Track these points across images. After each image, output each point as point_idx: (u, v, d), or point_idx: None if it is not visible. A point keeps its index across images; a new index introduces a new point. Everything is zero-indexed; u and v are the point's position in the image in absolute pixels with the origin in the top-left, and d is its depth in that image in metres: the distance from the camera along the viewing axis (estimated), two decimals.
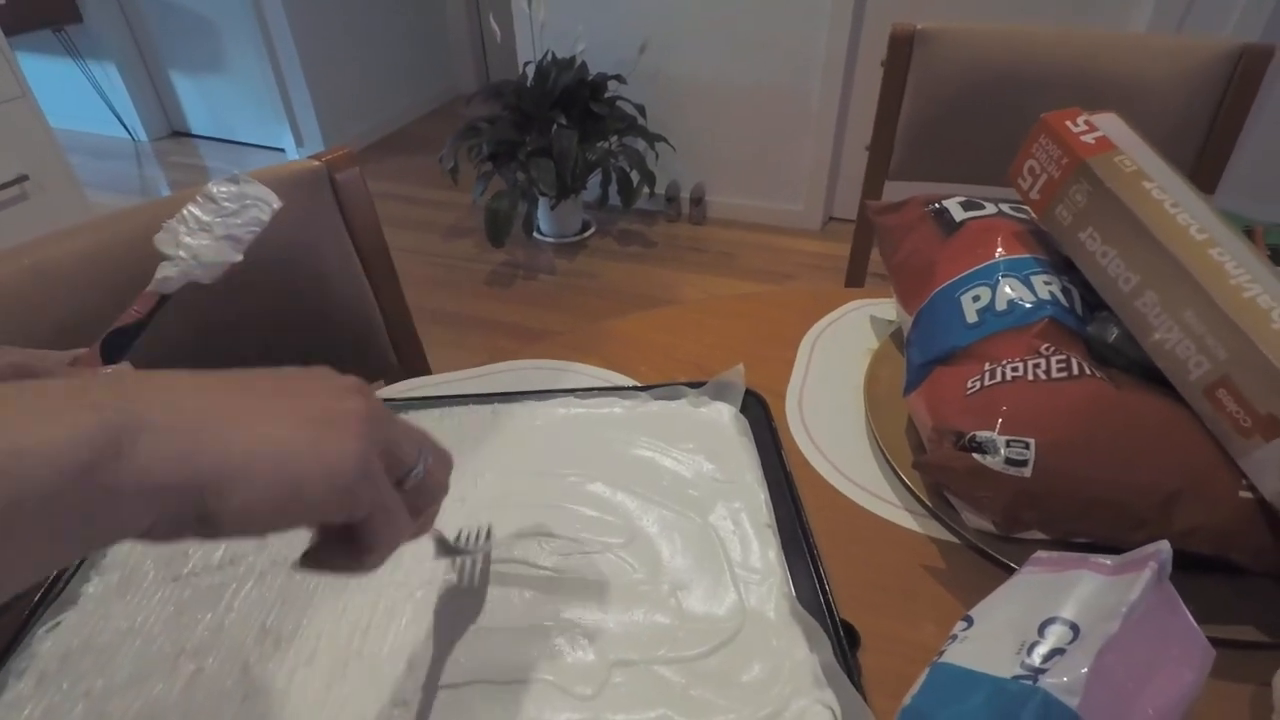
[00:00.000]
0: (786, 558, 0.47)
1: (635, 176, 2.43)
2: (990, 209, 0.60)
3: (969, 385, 0.50)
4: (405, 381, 0.68)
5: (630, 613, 0.45)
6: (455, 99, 3.88)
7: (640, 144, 2.43)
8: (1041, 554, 0.36)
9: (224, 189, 0.63)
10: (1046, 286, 0.52)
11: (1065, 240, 0.52)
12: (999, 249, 0.56)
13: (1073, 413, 0.45)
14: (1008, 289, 0.53)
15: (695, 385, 0.61)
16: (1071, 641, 0.30)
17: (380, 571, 0.46)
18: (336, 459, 0.27)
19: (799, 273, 2.41)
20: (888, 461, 0.57)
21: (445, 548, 0.44)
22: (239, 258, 0.61)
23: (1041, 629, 0.31)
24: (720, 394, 0.61)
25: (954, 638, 0.35)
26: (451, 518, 0.50)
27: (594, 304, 2.29)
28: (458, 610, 0.45)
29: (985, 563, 0.50)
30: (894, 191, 1.15)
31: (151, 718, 0.40)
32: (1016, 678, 0.30)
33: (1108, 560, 0.34)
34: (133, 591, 0.47)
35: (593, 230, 2.64)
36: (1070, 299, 0.52)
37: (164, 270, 0.59)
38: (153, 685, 0.42)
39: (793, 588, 0.45)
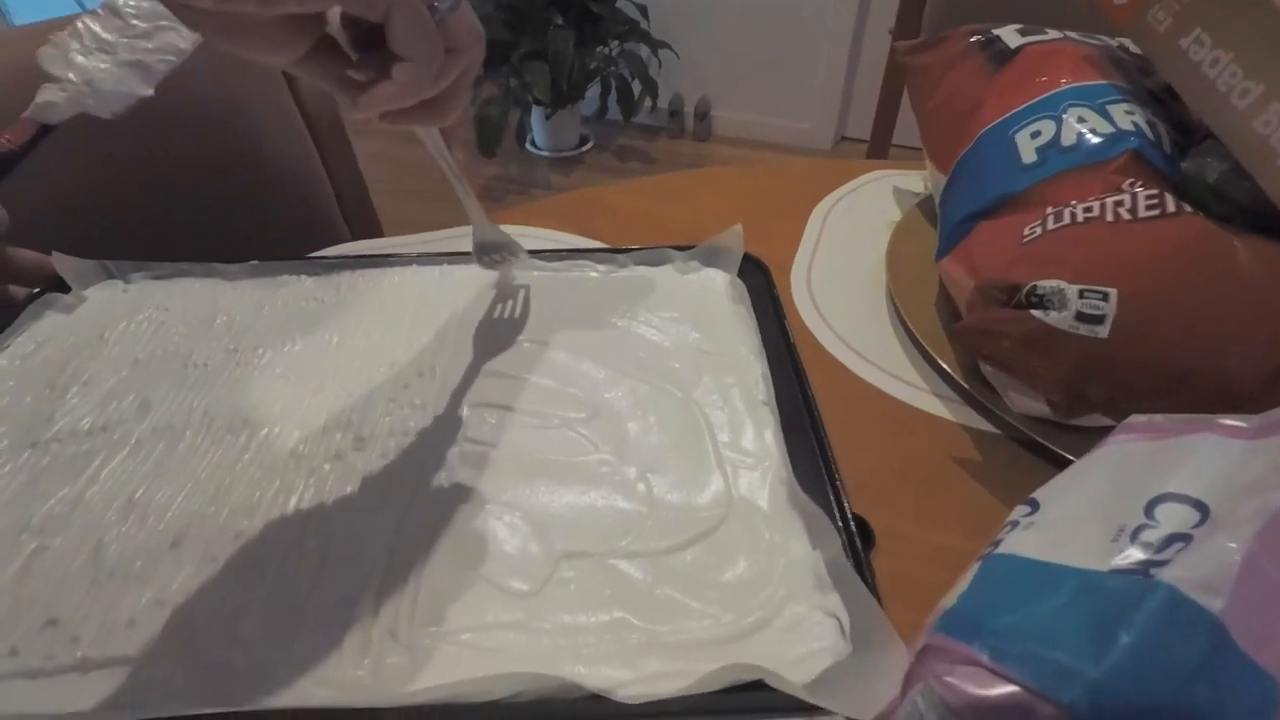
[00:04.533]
0: (786, 441, 0.38)
1: (637, 87, 2.27)
2: (1054, 34, 0.49)
3: (1025, 233, 0.40)
4: (353, 243, 0.58)
5: (586, 496, 0.36)
6: None
7: (643, 50, 2.27)
8: (1138, 418, 0.27)
9: (133, 2, 0.52)
10: (1129, 117, 0.42)
11: (1159, 52, 0.41)
12: (1065, 76, 0.45)
13: (1165, 258, 0.35)
14: (1077, 121, 0.42)
15: (683, 249, 0.51)
16: (1199, 525, 0.21)
17: (282, 440, 0.37)
18: None
19: None
20: (912, 338, 0.47)
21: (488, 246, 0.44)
22: (148, 91, 0.50)
23: (1149, 509, 0.22)
24: (713, 260, 0.51)
25: (1013, 524, 0.25)
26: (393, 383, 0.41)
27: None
28: (363, 491, 0.36)
29: (1030, 455, 0.40)
30: None
31: None
32: (1117, 571, 0.20)
33: (1241, 421, 0.24)
34: None
35: (590, 145, 2.49)
36: (1157, 134, 0.41)
37: (47, 94, 0.48)
38: None
39: (792, 473, 0.35)
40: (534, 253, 0.51)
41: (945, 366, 0.43)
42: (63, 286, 0.48)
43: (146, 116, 0.50)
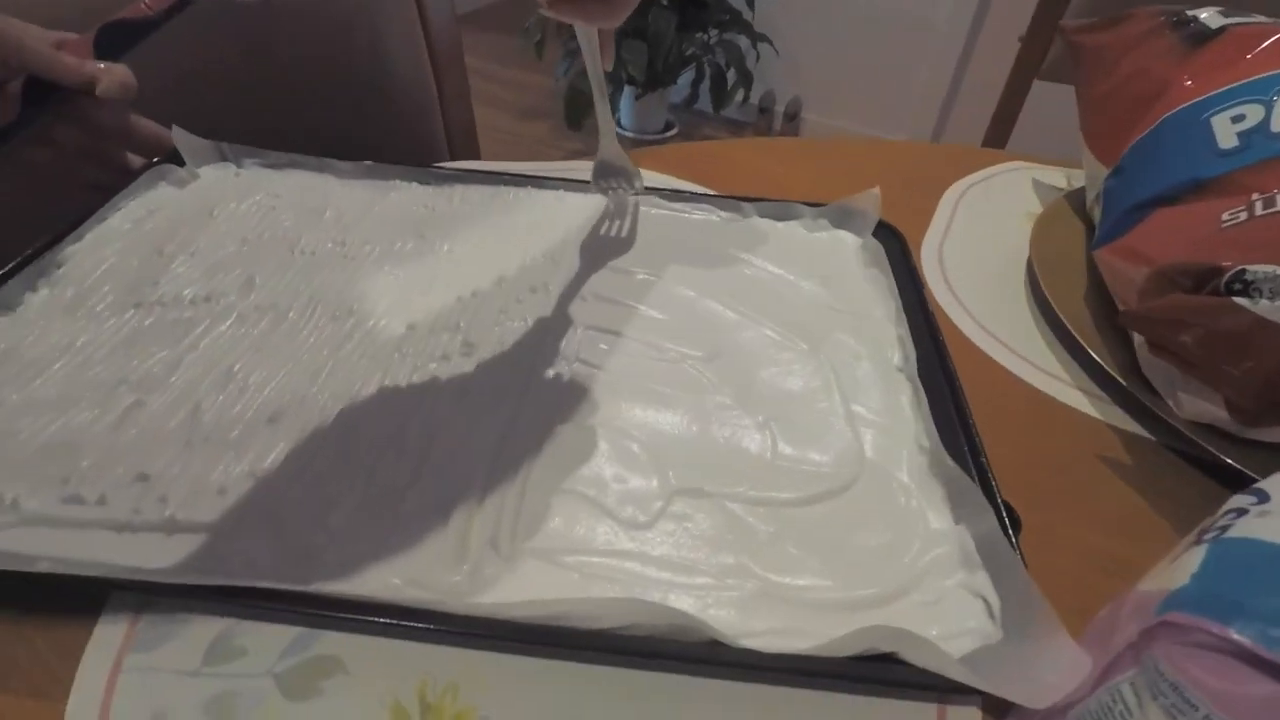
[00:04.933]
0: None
1: (731, 77, 2.23)
2: (1264, 19, 0.44)
3: (1225, 218, 0.35)
4: (460, 162, 0.56)
5: (705, 434, 0.33)
6: None
7: (743, 41, 2.22)
8: None
9: None
10: None
11: None
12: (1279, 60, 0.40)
13: None
14: None
15: (813, 206, 0.48)
16: None
17: (388, 333, 0.35)
18: None
19: None
20: (1059, 329, 0.43)
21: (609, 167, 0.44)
22: None
23: None
24: (844, 221, 0.47)
25: (1239, 511, 0.22)
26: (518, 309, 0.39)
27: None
28: (469, 395, 0.34)
29: (1191, 468, 0.36)
30: (1042, 92, 0.98)
31: (68, 445, 0.30)
32: None
33: None
34: (83, 311, 0.37)
35: (675, 131, 2.46)
36: None
37: None
38: (79, 411, 0.32)
39: (939, 442, 0.32)
40: (653, 190, 0.48)
41: (1101, 362, 0.39)
42: (178, 161, 0.47)
43: (279, 7, 0.49)
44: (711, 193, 0.50)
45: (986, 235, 0.53)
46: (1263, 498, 0.22)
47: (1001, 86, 1.10)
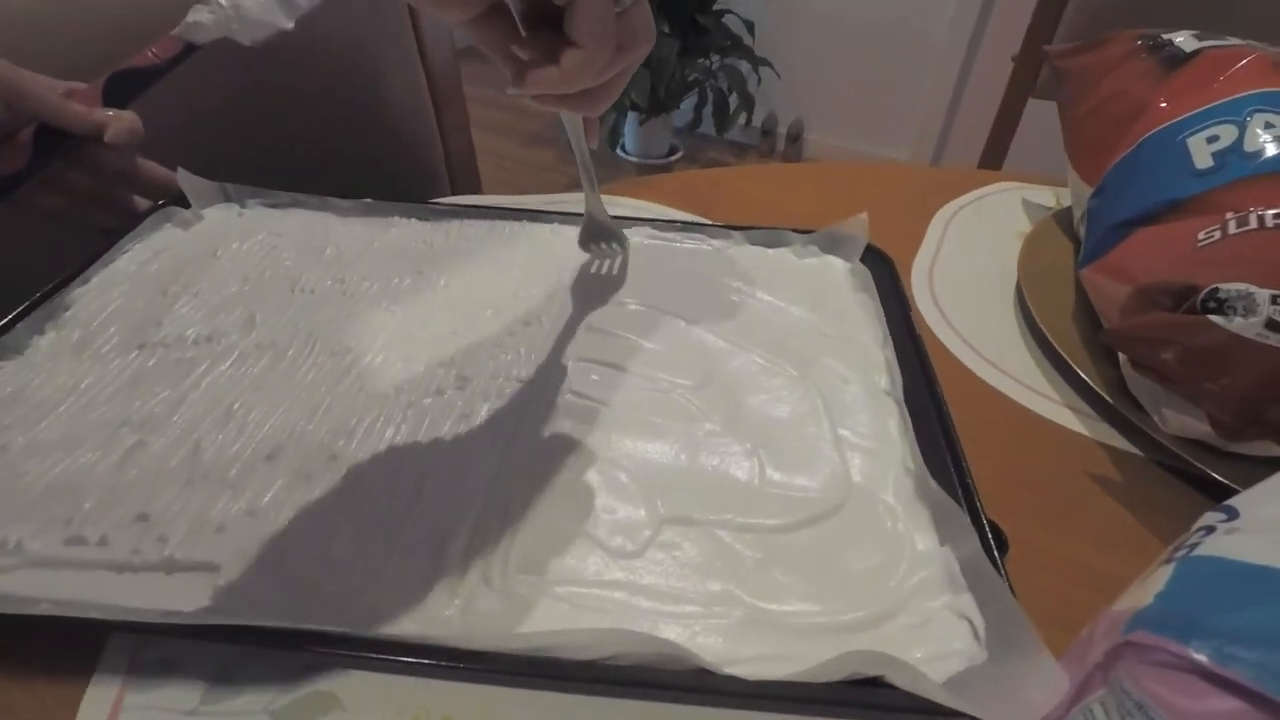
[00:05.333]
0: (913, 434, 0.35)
1: (733, 101, 2.26)
2: (1236, 41, 0.45)
3: (1201, 237, 0.36)
4: (458, 197, 0.58)
5: (694, 463, 0.33)
6: None
7: (744, 66, 2.25)
8: None
9: None
10: None
11: None
12: (1251, 82, 0.41)
13: None
14: (1264, 127, 0.38)
15: (802, 233, 0.49)
16: None
17: (384, 369, 0.36)
18: None
19: None
20: (1047, 347, 0.43)
21: (594, 232, 0.45)
22: (289, 25, 0.51)
23: None
24: (833, 247, 0.48)
25: (1208, 529, 0.22)
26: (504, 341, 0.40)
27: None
28: (463, 429, 0.35)
29: (1179, 482, 0.37)
30: (1037, 111, 0.99)
31: (71, 486, 0.31)
32: None
33: None
34: (89, 353, 0.38)
35: (679, 155, 2.48)
36: None
37: (196, 14, 0.49)
38: (83, 452, 0.33)
39: (924, 465, 0.32)
40: (646, 220, 0.49)
41: (1087, 379, 0.40)
42: (183, 202, 0.49)
43: (281, 48, 0.50)
44: (703, 221, 0.51)
45: (977, 256, 0.54)
46: (1232, 514, 0.22)
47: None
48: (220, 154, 0.54)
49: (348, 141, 0.65)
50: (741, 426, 0.35)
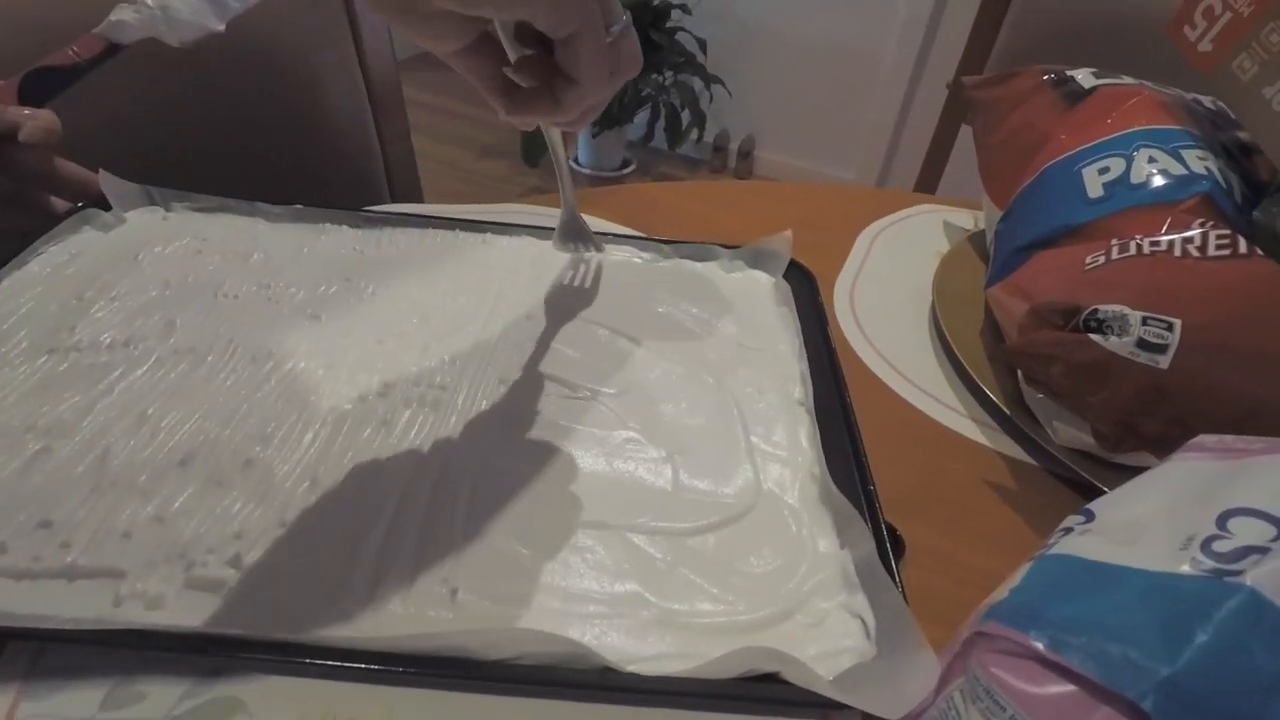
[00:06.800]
0: (822, 444, 0.36)
1: (686, 117, 2.30)
2: (1129, 80, 0.48)
3: (1088, 261, 0.39)
4: (392, 205, 0.58)
5: (610, 469, 0.34)
6: None
7: (696, 83, 2.29)
8: (1208, 437, 0.25)
9: None
10: (1201, 162, 0.41)
11: (1242, 100, 0.40)
12: (1139, 118, 0.44)
13: (1234, 296, 0.34)
14: (1148, 161, 0.41)
15: (730, 248, 0.50)
16: (1277, 538, 0.19)
17: (305, 376, 0.36)
18: None
19: None
20: (956, 363, 0.46)
21: (570, 227, 0.46)
22: (219, 27, 0.51)
23: (1221, 521, 0.21)
24: (758, 262, 0.50)
25: (1066, 530, 0.24)
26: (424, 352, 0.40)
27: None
28: (382, 436, 0.35)
29: (1068, 489, 0.39)
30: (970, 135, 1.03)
31: None
32: (1188, 575, 0.19)
33: None
34: None
35: (632, 168, 2.51)
36: (1228, 183, 0.41)
37: (120, 13, 0.48)
38: None
39: (827, 472, 0.34)
40: None
41: (989, 393, 0.42)
42: (104, 205, 0.48)
43: (212, 51, 0.50)
44: (634, 234, 0.52)
45: (896, 274, 0.56)
46: (1090, 517, 0.24)
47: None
48: (149, 157, 0.53)
49: (283, 147, 0.65)
50: (659, 434, 0.36)
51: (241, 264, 0.45)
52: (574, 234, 0.48)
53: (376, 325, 0.41)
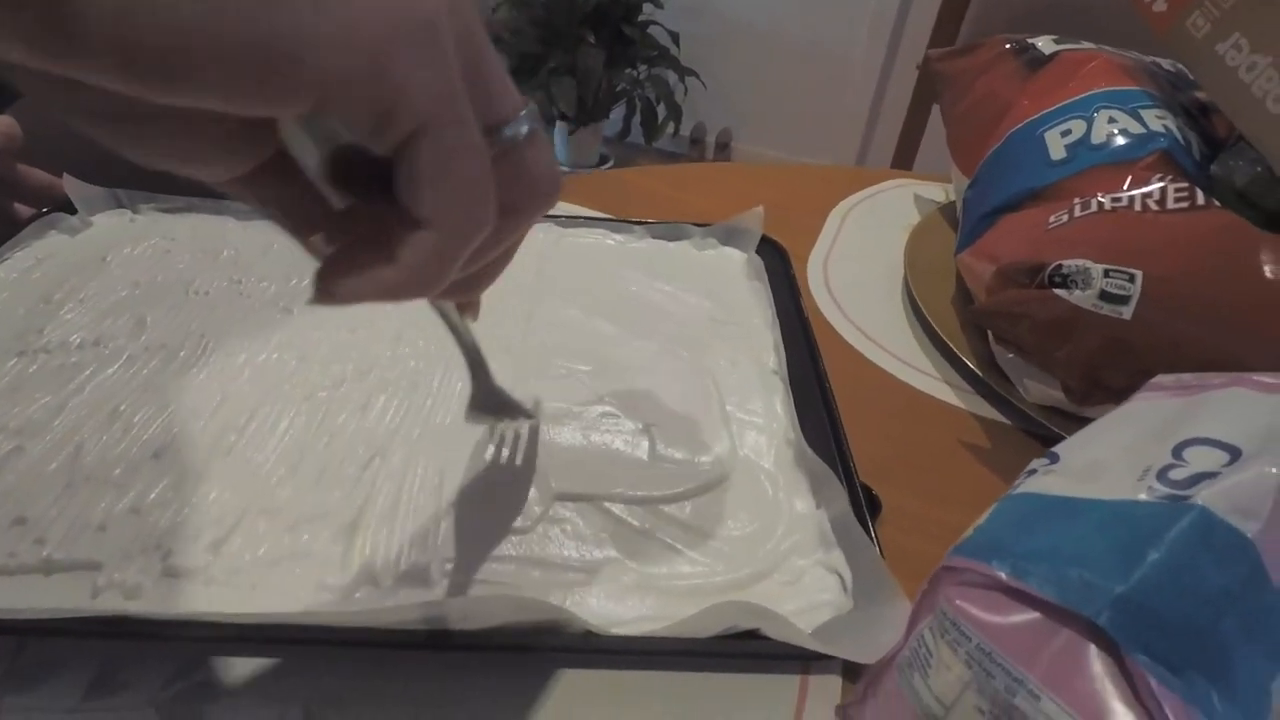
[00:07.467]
0: (797, 411, 0.37)
1: (661, 111, 2.30)
2: (1088, 44, 0.49)
3: (1051, 220, 0.39)
4: None
5: (587, 441, 0.35)
6: (479, 3, 3.71)
7: (670, 76, 2.29)
8: (1165, 377, 0.26)
9: None
10: (1160, 120, 0.41)
11: (1196, 57, 0.41)
12: (1099, 81, 0.45)
13: (1193, 246, 0.34)
14: (1108, 122, 0.42)
15: (701, 226, 0.51)
16: (1229, 464, 0.20)
17: (279, 366, 0.36)
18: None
19: None
20: (928, 328, 0.46)
21: (488, 402, 0.31)
22: None
23: (1177, 451, 0.21)
24: (731, 239, 0.50)
25: (1031, 472, 0.24)
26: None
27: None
28: (359, 419, 0.35)
29: (1042, 446, 0.39)
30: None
31: None
32: (1144, 501, 0.19)
33: (1267, 377, 0.23)
34: None
35: (610, 164, 2.50)
36: (1186, 140, 0.41)
37: None
38: None
39: (801, 435, 0.34)
40: (550, 218, 0.50)
41: (961, 356, 0.42)
42: (70, 209, 0.47)
43: None
44: (606, 216, 0.52)
45: (869, 247, 0.56)
46: (1054, 459, 0.25)
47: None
48: (114, 160, 0.52)
49: None
50: (635, 407, 0.37)
51: (211, 261, 0.45)
52: (492, 409, 0.32)
53: (349, 316, 0.41)
